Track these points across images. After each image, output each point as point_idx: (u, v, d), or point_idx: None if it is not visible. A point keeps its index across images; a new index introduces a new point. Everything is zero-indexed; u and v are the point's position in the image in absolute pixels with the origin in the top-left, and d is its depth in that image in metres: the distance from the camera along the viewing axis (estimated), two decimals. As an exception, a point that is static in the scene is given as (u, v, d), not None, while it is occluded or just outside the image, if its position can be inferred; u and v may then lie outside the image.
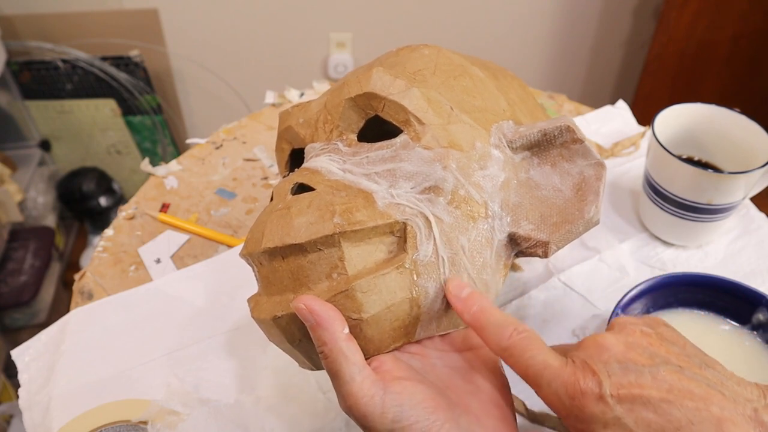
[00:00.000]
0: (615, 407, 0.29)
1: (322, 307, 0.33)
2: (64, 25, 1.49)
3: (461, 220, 0.37)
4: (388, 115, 0.39)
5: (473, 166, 0.38)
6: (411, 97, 0.39)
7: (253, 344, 0.52)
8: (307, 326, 0.33)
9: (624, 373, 0.30)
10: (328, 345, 0.32)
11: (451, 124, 0.39)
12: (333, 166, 0.39)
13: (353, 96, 0.40)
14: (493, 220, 0.38)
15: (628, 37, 1.69)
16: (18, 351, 0.53)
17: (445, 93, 0.41)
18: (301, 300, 0.33)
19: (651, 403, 0.29)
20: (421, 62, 0.42)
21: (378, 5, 1.54)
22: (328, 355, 0.32)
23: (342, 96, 0.41)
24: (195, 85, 1.66)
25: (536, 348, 0.32)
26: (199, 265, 0.59)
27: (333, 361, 0.32)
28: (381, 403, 0.31)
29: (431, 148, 0.38)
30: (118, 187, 1.70)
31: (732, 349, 0.49)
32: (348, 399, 0.32)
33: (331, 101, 0.42)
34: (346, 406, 0.32)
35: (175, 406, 0.47)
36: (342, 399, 0.32)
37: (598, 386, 0.30)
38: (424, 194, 0.37)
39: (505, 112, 0.42)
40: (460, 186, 0.37)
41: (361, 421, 0.32)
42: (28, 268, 1.41)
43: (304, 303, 0.33)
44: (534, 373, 0.31)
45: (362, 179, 0.37)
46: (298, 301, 0.33)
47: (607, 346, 0.31)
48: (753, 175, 0.53)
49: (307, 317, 0.33)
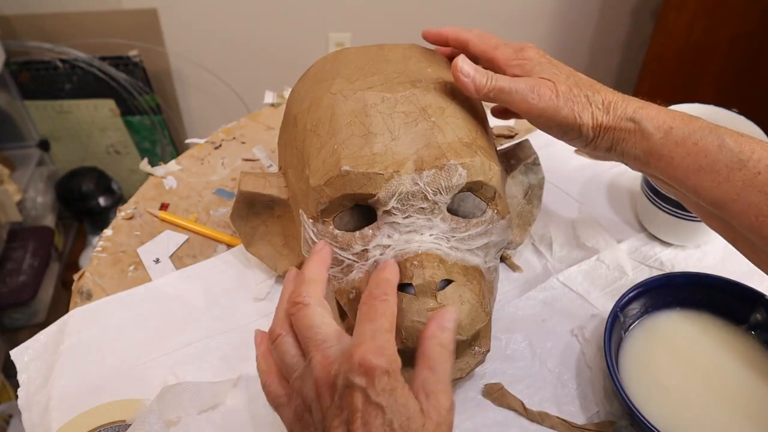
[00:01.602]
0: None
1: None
2: (63, 25, 1.49)
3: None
4: (480, 194, 0.46)
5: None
6: (496, 176, 0.46)
7: (252, 345, 0.52)
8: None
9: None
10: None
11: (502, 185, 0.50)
12: (443, 246, 0.44)
13: (464, 183, 0.44)
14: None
15: (627, 37, 1.69)
16: (17, 351, 0.53)
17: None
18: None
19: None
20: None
21: (377, 5, 1.54)
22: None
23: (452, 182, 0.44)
24: (194, 85, 1.66)
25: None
26: (198, 265, 0.59)
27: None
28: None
29: (505, 215, 0.48)
30: (117, 187, 1.70)
31: (730, 348, 0.49)
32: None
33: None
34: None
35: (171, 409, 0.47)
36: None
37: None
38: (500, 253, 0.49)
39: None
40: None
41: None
42: (27, 268, 1.41)
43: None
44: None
45: (467, 254, 0.45)
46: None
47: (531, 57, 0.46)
48: (751, 175, 0.53)
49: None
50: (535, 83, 0.44)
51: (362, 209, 0.45)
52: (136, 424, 0.45)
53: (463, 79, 0.45)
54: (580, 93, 0.44)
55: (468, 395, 0.49)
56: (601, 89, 0.45)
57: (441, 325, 0.36)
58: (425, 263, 0.42)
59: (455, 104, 0.46)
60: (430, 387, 0.34)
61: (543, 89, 0.44)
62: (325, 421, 0.34)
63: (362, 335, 0.35)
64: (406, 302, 0.41)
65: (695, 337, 0.50)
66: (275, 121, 0.76)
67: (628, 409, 0.43)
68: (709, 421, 0.45)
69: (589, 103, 0.44)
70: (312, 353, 0.36)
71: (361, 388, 0.33)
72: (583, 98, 0.44)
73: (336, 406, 0.34)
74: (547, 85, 0.44)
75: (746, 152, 0.39)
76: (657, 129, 0.42)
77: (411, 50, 0.51)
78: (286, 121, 0.53)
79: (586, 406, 0.48)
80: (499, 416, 0.48)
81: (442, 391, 0.34)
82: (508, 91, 0.44)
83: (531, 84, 0.44)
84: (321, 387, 0.35)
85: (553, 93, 0.44)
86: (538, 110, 0.44)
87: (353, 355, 0.33)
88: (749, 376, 0.48)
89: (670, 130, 0.41)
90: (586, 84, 0.45)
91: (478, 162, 0.44)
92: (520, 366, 0.51)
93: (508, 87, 0.44)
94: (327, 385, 0.34)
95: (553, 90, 0.44)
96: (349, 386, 0.33)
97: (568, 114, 0.43)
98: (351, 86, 0.47)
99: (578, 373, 0.50)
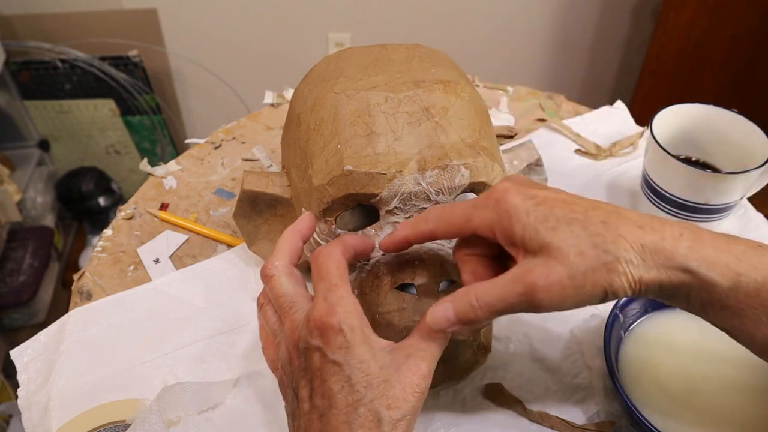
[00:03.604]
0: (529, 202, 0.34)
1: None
2: (63, 25, 1.49)
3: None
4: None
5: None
6: (499, 177, 0.45)
7: (252, 345, 0.52)
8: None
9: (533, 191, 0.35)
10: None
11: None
12: (445, 246, 0.44)
13: (467, 184, 0.44)
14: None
15: (627, 37, 1.69)
16: (17, 351, 0.53)
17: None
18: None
19: (558, 201, 0.34)
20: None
21: (377, 5, 1.55)
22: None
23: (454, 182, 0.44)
24: (194, 85, 1.66)
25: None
26: (198, 265, 0.59)
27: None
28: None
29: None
30: (117, 187, 1.70)
31: (730, 349, 0.49)
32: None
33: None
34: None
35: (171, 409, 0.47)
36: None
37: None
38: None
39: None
40: None
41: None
42: (26, 268, 1.41)
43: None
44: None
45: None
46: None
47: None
48: (750, 175, 0.54)
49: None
50: (530, 280, 0.32)
51: (365, 209, 0.45)
52: (136, 424, 0.45)
53: (450, 329, 0.35)
54: (599, 253, 0.32)
55: (468, 395, 0.49)
56: (628, 231, 0.33)
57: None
58: (427, 263, 0.42)
59: (459, 104, 0.46)
60: (413, 350, 0.36)
61: (550, 275, 0.32)
62: (294, 381, 0.37)
63: (316, 297, 0.36)
64: (407, 302, 0.41)
65: (695, 337, 0.50)
66: (275, 121, 0.76)
67: (628, 409, 0.43)
68: (709, 421, 0.45)
69: (617, 261, 0.32)
70: (284, 319, 0.39)
71: (317, 347, 0.35)
72: (605, 258, 0.32)
73: (301, 367, 0.36)
74: (551, 268, 0.32)
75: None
76: (722, 277, 0.32)
77: (414, 50, 0.51)
78: (289, 120, 0.53)
79: (586, 406, 0.48)
80: (499, 416, 0.48)
81: (422, 358, 0.35)
82: (502, 306, 0.34)
83: (529, 282, 0.32)
84: (290, 350, 0.37)
85: (563, 273, 0.32)
86: (556, 303, 0.33)
87: (309, 318, 0.35)
88: (749, 376, 0.48)
89: (738, 278, 0.32)
90: (602, 231, 0.33)
91: (481, 163, 0.44)
92: (520, 366, 0.51)
93: (498, 301, 0.33)
94: (294, 348, 0.37)
95: (561, 269, 0.32)
96: (308, 348, 0.35)
97: (593, 290, 0.32)
98: (354, 86, 0.47)
99: (578, 373, 0.50)
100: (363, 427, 0.33)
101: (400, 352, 0.36)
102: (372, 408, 0.33)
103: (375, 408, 0.33)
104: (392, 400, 0.34)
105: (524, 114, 0.77)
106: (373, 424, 0.33)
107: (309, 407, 0.35)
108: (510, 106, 0.78)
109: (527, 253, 0.33)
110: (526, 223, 0.33)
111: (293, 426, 0.37)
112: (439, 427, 0.47)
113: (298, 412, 0.36)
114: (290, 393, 0.37)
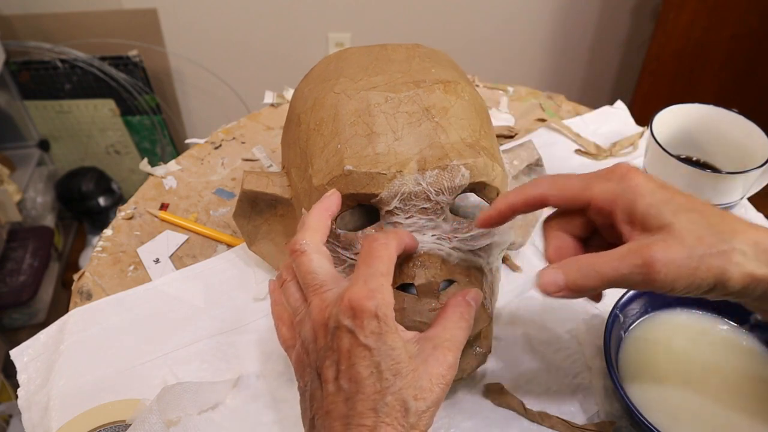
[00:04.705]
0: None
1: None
2: (62, 25, 1.49)
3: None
4: (483, 194, 0.46)
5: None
6: (499, 177, 0.45)
7: (252, 345, 0.52)
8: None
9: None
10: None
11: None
12: (445, 247, 0.43)
13: (467, 184, 0.44)
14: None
15: (627, 37, 1.69)
16: (17, 351, 0.53)
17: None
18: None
19: (677, 191, 0.35)
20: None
21: (377, 5, 1.55)
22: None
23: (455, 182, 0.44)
24: (194, 85, 1.66)
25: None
26: (198, 265, 0.59)
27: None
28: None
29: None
30: (117, 187, 1.70)
31: (730, 348, 0.49)
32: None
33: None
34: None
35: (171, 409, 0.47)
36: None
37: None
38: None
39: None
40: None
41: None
42: (26, 268, 1.41)
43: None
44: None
45: (469, 255, 0.44)
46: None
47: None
48: (750, 175, 0.54)
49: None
50: (648, 253, 0.33)
51: (365, 209, 0.45)
52: (136, 424, 0.45)
53: (557, 295, 0.35)
54: (717, 241, 0.33)
55: (468, 395, 0.49)
56: (742, 228, 0.34)
57: (466, 299, 0.38)
58: (427, 263, 0.42)
59: (459, 104, 0.46)
60: (439, 341, 0.36)
61: (669, 251, 0.33)
62: (318, 361, 0.36)
63: (356, 278, 0.36)
64: (408, 302, 0.41)
65: (695, 337, 0.50)
66: (275, 121, 0.76)
67: (628, 409, 0.43)
68: (709, 421, 0.45)
69: (733, 251, 0.33)
70: (310, 297, 0.38)
71: (349, 329, 0.34)
72: (722, 246, 0.33)
73: (328, 347, 0.35)
74: (670, 245, 0.33)
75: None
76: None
77: (415, 50, 0.51)
78: (289, 120, 0.53)
79: (586, 406, 0.48)
80: (499, 416, 0.48)
81: (449, 348, 0.36)
82: (613, 276, 0.34)
83: (648, 255, 0.33)
84: (317, 329, 0.36)
85: (682, 253, 0.33)
86: (670, 281, 0.33)
87: (344, 298, 0.34)
88: (749, 376, 0.48)
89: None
90: (719, 222, 0.34)
91: (481, 163, 0.44)
92: (520, 366, 0.51)
93: (612, 270, 0.34)
94: (322, 327, 0.36)
95: (680, 248, 0.33)
96: (339, 327, 0.34)
97: (705, 275, 0.33)
98: (355, 86, 0.47)
99: (578, 373, 0.50)
100: (389, 416, 0.33)
101: (426, 342, 0.36)
102: (400, 397, 0.33)
103: (403, 397, 0.33)
104: (419, 390, 0.34)
105: (524, 114, 0.77)
106: (400, 414, 0.33)
107: (335, 389, 0.34)
108: (510, 106, 0.78)
109: (645, 231, 0.34)
110: (651, 201, 0.34)
111: (310, 407, 0.36)
112: (439, 427, 0.47)
113: (319, 393, 0.35)
114: (310, 372, 0.37)
